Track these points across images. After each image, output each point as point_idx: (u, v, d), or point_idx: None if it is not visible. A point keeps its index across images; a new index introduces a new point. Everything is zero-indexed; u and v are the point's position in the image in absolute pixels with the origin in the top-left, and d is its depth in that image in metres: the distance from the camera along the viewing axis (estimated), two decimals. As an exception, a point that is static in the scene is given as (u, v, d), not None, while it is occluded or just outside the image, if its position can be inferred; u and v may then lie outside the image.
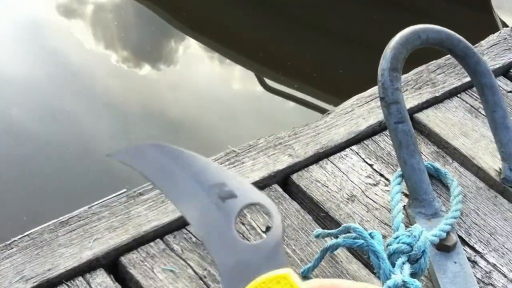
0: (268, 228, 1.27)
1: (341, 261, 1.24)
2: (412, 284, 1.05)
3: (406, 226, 1.26)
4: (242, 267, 0.48)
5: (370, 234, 1.14)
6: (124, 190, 1.32)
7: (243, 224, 1.27)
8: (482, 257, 1.32)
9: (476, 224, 1.38)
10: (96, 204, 1.27)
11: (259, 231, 1.27)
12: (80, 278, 1.13)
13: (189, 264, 1.18)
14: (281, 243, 0.49)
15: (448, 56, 1.80)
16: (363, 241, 1.14)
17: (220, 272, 0.48)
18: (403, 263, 1.13)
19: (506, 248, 1.34)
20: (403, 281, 1.06)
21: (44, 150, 2.86)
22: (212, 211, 0.50)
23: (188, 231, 1.24)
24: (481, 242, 1.34)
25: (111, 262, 1.18)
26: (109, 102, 3.25)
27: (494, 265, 1.30)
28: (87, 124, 3.07)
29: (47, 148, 2.88)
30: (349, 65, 3.76)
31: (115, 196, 1.29)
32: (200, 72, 3.77)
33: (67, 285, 1.12)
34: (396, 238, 1.17)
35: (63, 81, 3.30)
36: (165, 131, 3.11)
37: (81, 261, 1.15)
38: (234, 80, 3.83)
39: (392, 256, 1.15)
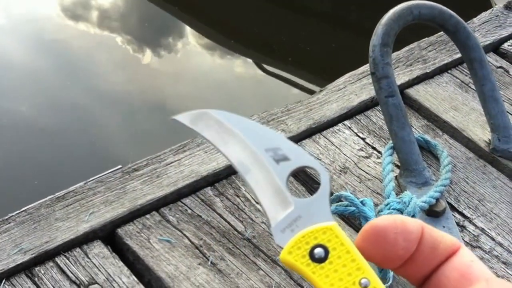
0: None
1: (333, 229, 1.26)
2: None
3: (397, 195, 1.29)
4: (292, 221, 0.51)
5: (361, 202, 1.17)
6: (120, 166, 1.34)
7: (238, 196, 1.30)
8: (470, 221, 1.34)
9: (465, 192, 1.41)
10: (91, 180, 1.30)
11: (253, 202, 1.29)
12: (78, 249, 1.16)
13: (185, 235, 1.21)
14: (328, 200, 0.53)
15: (440, 33, 1.83)
16: (354, 208, 1.17)
17: (272, 226, 0.51)
18: (393, 228, 1.16)
19: (494, 214, 1.37)
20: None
21: (47, 139, 2.89)
22: (268, 172, 0.53)
23: (184, 203, 1.27)
24: (470, 208, 1.37)
25: (107, 234, 1.21)
26: (112, 90, 3.27)
27: (482, 229, 1.33)
28: (90, 113, 3.10)
29: (50, 136, 2.91)
30: (344, 49, 3.78)
31: (110, 172, 1.32)
32: (201, 60, 3.79)
33: (64, 256, 1.14)
34: (387, 204, 1.19)
35: (65, 70, 3.33)
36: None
37: (78, 234, 1.18)
38: (235, 66, 3.85)
39: (383, 222, 1.17)
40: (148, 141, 2.95)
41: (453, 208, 1.36)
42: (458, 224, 1.32)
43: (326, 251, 0.50)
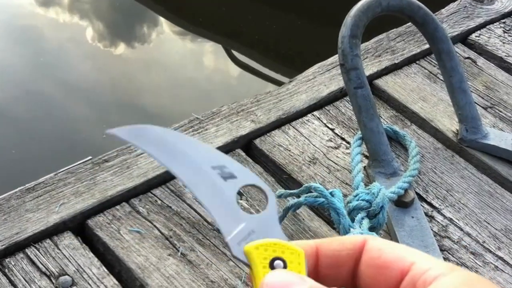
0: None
1: (303, 219, 1.28)
2: (370, 236, 1.09)
3: (366, 185, 1.30)
4: (247, 235, 0.54)
5: (330, 193, 1.18)
6: (90, 157, 1.34)
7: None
8: (439, 212, 1.36)
9: (434, 182, 1.42)
10: (62, 171, 1.29)
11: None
12: (48, 240, 1.15)
13: (155, 225, 1.21)
14: (278, 218, 0.57)
15: (409, 24, 1.84)
16: (324, 199, 1.18)
17: (227, 238, 0.54)
18: (362, 219, 1.17)
19: (462, 204, 1.39)
20: (361, 234, 1.10)
21: (15, 129, 2.87)
22: (217, 187, 0.56)
23: (154, 194, 1.27)
24: (438, 198, 1.39)
25: (78, 225, 1.21)
26: (83, 82, 3.25)
27: (450, 219, 1.35)
28: (61, 104, 3.08)
29: (19, 126, 2.89)
30: (314, 41, 3.79)
31: (80, 163, 1.32)
32: (173, 51, 3.78)
33: (35, 247, 1.14)
34: (356, 195, 1.20)
35: (37, 62, 3.30)
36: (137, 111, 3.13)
37: (48, 225, 1.18)
38: (205, 58, 3.84)
39: (352, 213, 1.19)
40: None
41: (421, 198, 1.38)
42: (426, 214, 1.34)
43: (285, 265, 0.52)
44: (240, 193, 1.30)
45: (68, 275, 1.10)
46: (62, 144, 2.84)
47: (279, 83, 3.32)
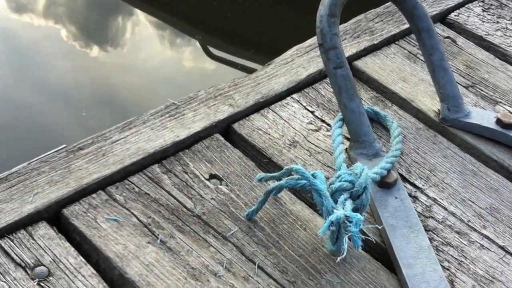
0: (212, 176, 1.28)
1: (284, 203, 1.25)
2: (354, 217, 1.06)
3: (348, 167, 1.27)
4: None
5: (312, 175, 1.15)
6: (64, 145, 1.30)
7: (186, 173, 1.27)
8: (422, 192, 1.34)
9: (416, 162, 1.40)
10: (35, 160, 1.26)
11: (202, 178, 1.27)
12: (22, 231, 1.12)
13: (133, 213, 1.18)
14: None
15: (387, 4, 1.82)
16: (305, 181, 1.15)
17: None
18: (345, 200, 1.14)
19: (446, 183, 1.36)
20: (345, 215, 1.07)
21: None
22: None
23: (131, 181, 1.24)
24: (421, 178, 1.36)
25: (53, 215, 1.17)
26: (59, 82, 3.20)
27: (434, 200, 1.32)
28: (38, 106, 3.03)
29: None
30: (288, 27, 3.76)
31: (54, 152, 1.28)
32: (148, 48, 3.74)
33: (9, 238, 1.10)
34: (338, 177, 1.17)
35: (13, 63, 3.25)
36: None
37: (22, 215, 1.14)
38: (182, 53, 3.80)
39: (335, 194, 1.15)
40: (95, 128, 2.90)
41: (404, 179, 1.35)
42: (410, 195, 1.31)
43: None
44: (220, 178, 1.27)
45: (44, 265, 1.07)
46: (37, 141, 2.80)
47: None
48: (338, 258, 1.05)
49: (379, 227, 1.21)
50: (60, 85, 3.19)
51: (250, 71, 3.50)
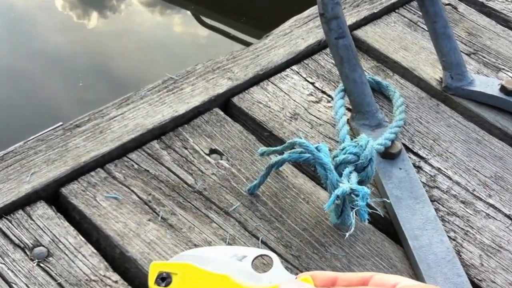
0: (212, 151, 1.25)
1: (286, 176, 1.23)
2: (361, 191, 1.04)
3: (351, 139, 1.25)
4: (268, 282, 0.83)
5: (316, 148, 1.12)
6: (60, 123, 1.28)
7: (186, 148, 1.25)
8: (426, 162, 1.32)
9: (419, 132, 1.38)
10: (31, 139, 1.23)
11: (202, 154, 1.24)
12: (20, 211, 1.10)
13: (132, 190, 1.16)
14: (285, 270, 0.84)
15: (385, -28, 1.79)
16: (309, 154, 1.12)
17: None
18: (350, 172, 1.12)
19: (450, 152, 1.34)
20: (351, 189, 1.05)
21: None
22: (237, 264, 0.85)
23: (130, 158, 1.22)
24: (425, 148, 1.34)
25: (51, 194, 1.15)
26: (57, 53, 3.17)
27: (438, 169, 1.30)
28: (36, 76, 3.00)
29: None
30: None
31: (51, 130, 1.26)
32: (143, 18, 3.70)
33: (7, 219, 1.08)
34: (343, 149, 1.15)
35: (10, 35, 3.22)
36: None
37: (20, 195, 1.12)
38: (175, 23, 3.76)
39: (339, 167, 1.13)
40: (93, 101, 2.87)
41: (408, 149, 1.33)
42: (414, 165, 1.29)
43: None
44: (220, 153, 1.25)
45: (43, 246, 1.05)
46: (34, 114, 2.78)
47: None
48: (347, 234, 1.03)
49: (387, 201, 1.19)
50: (55, 54, 3.17)
51: (243, 40, 3.49)
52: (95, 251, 1.06)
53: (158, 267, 0.89)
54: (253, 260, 0.88)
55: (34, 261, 1.03)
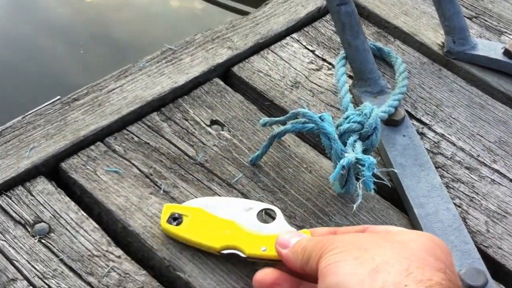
0: (213, 122, 1.24)
1: (289, 146, 1.21)
2: (367, 160, 1.02)
3: (353, 107, 1.23)
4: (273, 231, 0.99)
5: (320, 117, 1.10)
6: (58, 97, 1.26)
7: (186, 120, 1.23)
8: (429, 128, 1.30)
9: (422, 98, 1.36)
10: (30, 114, 1.22)
11: (203, 125, 1.23)
12: (20, 187, 1.08)
13: (133, 164, 1.14)
14: (286, 222, 1.02)
15: None
16: (313, 124, 1.10)
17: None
18: (355, 141, 1.10)
19: (453, 118, 1.33)
20: (356, 159, 1.03)
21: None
22: (244, 214, 1.01)
23: (129, 131, 1.20)
24: (428, 114, 1.33)
25: (51, 169, 1.14)
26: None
27: (442, 135, 1.29)
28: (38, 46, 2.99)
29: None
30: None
31: (49, 104, 1.24)
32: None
33: (6, 195, 1.07)
34: (347, 118, 1.13)
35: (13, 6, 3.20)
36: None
37: (19, 171, 1.10)
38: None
39: (343, 136, 1.11)
40: (93, 68, 2.87)
41: (410, 115, 1.31)
42: (417, 131, 1.28)
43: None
44: (221, 124, 1.23)
45: (45, 222, 1.04)
46: (35, 83, 2.77)
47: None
48: (354, 206, 1.01)
49: (394, 170, 1.18)
50: (56, 23, 3.16)
51: (240, 11, 3.46)
52: (97, 226, 1.05)
53: (171, 209, 1.02)
54: (258, 212, 1.01)
55: (36, 238, 1.02)
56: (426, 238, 0.82)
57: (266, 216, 1.04)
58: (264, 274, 0.91)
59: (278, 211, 1.01)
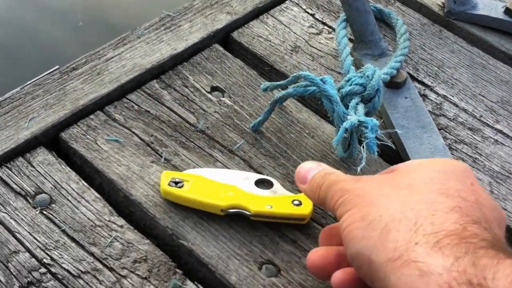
0: (214, 88, 1.23)
1: (290, 111, 1.20)
2: (370, 123, 1.01)
3: (355, 69, 1.22)
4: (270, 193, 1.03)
5: (321, 80, 1.09)
6: (57, 67, 1.25)
7: (186, 87, 1.22)
8: (431, 90, 1.29)
9: (423, 59, 1.35)
10: (28, 84, 1.20)
11: (204, 92, 1.22)
12: (20, 158, 1.08)
13: (134, 132, 1.14)
14: (282, 187, 1.06)
15: None
16: (315, 87, 1.09)
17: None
18: (357, 104, 1.09)
19: (455, 79, 1.32)
20: (359, 121, 1.02)
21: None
22: (244, 181, 1.03)
23: (129, 99, 1.19)
24: (430, 76, 1.32)
25: (51, 139, 1.13)
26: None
27: (444, 96, 1.28)
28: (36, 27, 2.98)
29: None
30: None
31: (47, 74, 1.23)
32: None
33: (6, 166, 1.06)
34: (348, 80, 1.11)
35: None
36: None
37: (19, 142, 1.10)
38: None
39: (345, 99, 1.10)
40: (92, 40, 2.85)
41: (412, 77, 1.30)
42: (419, 93, 1.26)
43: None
44: (222, 90, 1.22)
45: (46, 193, 1.03)
46: (34, 53, 2.76)
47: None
48: (358, 169, 1.00)
49: (398, 131, 1.17)
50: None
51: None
52: (98, 196, 1.04)
53: (170, 174, 1.02)
54: (255, 181, 1.03)
55: (37, 209, 1.01)
56: (433, 170, 0.76)
57: (264, 185, 1.04)
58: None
59: (275, 182, 1.04)
